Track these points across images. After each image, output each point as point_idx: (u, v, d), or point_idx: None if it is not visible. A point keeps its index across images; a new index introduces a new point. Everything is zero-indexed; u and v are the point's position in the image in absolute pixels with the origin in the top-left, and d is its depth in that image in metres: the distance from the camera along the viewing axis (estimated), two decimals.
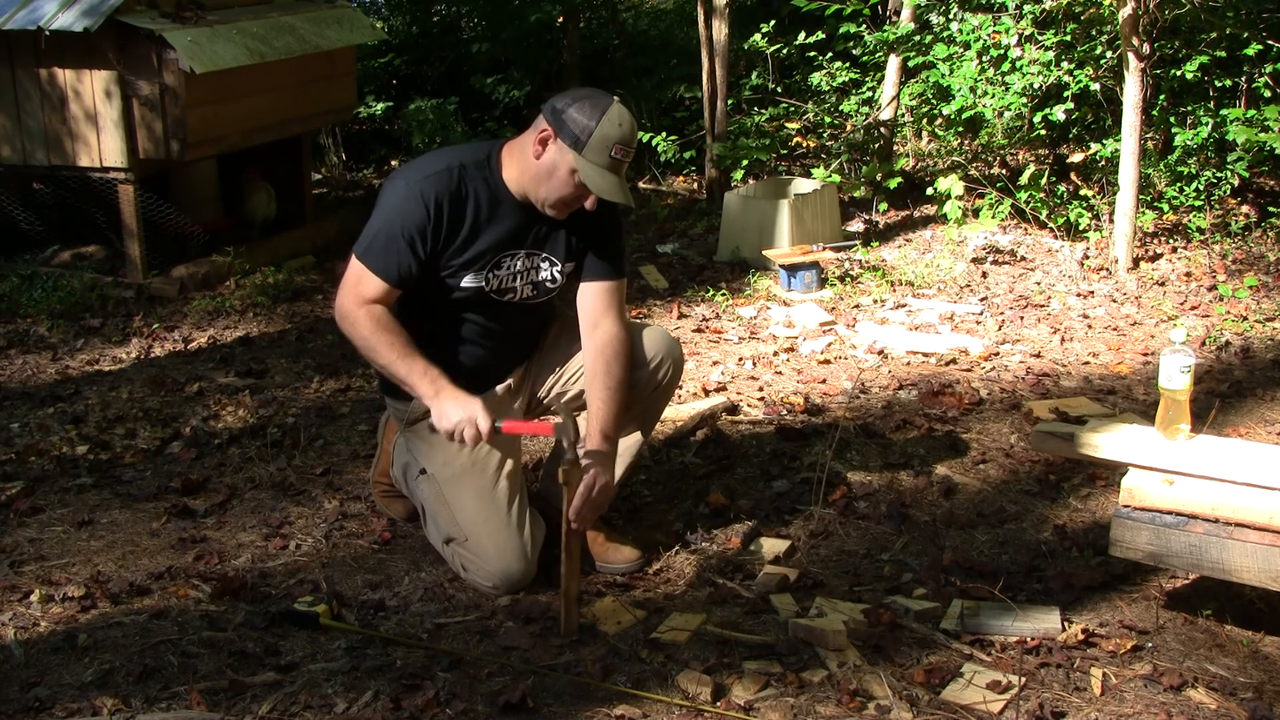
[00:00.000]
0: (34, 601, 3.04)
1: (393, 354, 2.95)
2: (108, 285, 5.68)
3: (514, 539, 3.07)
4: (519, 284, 3.11)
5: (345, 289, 3.00)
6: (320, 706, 2.60)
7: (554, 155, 2.91)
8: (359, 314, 2.96)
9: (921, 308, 5.42)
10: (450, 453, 3.10)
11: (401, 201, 2.95)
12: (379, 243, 2.95)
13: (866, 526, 3.45)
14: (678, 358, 3.26)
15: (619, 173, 2.93)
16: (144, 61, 5.43)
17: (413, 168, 3.03)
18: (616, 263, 3.17)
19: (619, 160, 2.90)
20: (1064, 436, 3.01)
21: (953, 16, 6.60)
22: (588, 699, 2.63)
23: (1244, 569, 2.68)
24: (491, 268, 3.05)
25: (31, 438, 4.09)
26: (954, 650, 2.80)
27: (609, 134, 2.87)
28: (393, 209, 2.96)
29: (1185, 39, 6.13)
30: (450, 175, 2.97)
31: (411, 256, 2.95)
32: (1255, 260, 5.80)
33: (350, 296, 2.98)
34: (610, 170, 2.90)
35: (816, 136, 7.77)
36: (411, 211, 2.93)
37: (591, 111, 2.88)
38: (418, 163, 3.06)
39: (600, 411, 3.06)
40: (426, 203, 2.93)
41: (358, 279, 2.97)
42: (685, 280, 5.99)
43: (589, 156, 2.87)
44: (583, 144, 2.87)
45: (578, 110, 2.88)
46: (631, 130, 2.91)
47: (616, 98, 2.94)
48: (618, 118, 2.89)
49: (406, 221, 2.93)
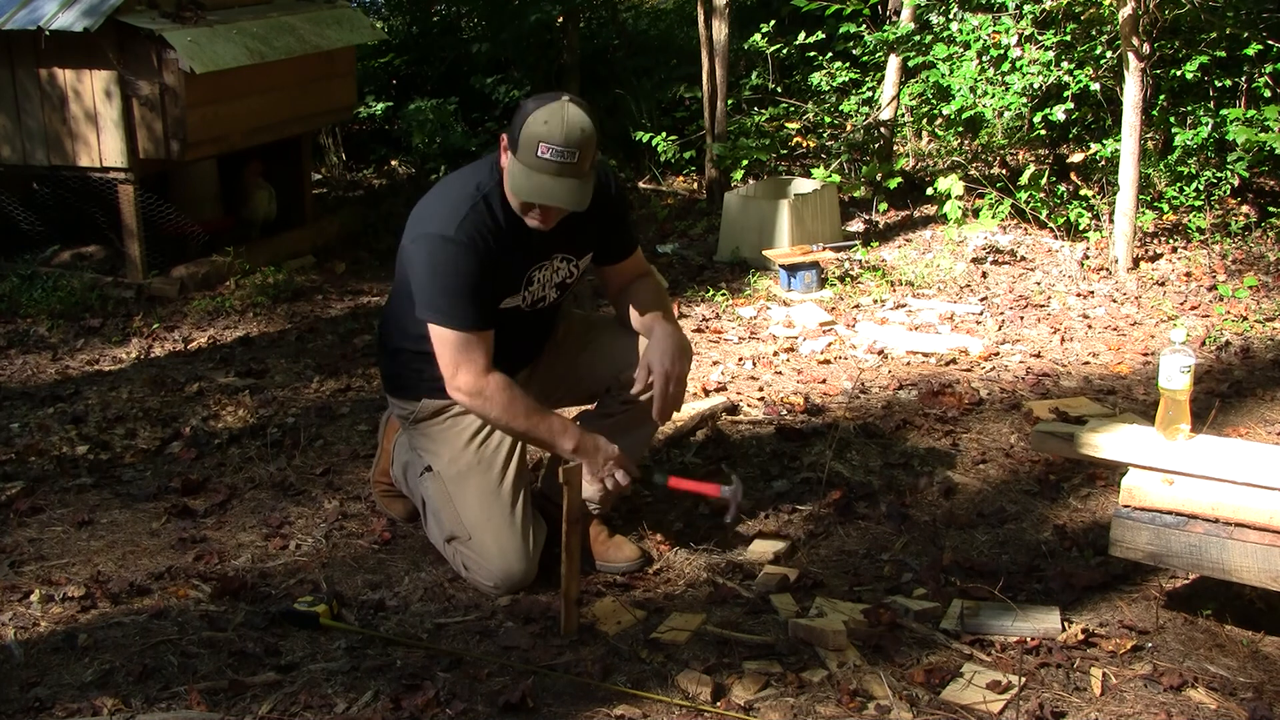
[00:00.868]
0: (34, 601, 3.04)
1: (532, 419, 2.95)
2: (108, 285, 5.68)
3: (516, 539, 3.07)
4: (547, 290, 3.12)
5: (454, 364, 2.91)
6: (320, 706, 2.60)
7: (507, 163, 2.88)
8: (489, 389, 2.91)
9: (921, 308, 5.42)
10: (456, 450, 3.11)
11: (453, 255, 2.87)
12: (457, 302, 2.88)
13: (866, 526, 3.45)
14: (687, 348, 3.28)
15: (555, 174, 2.79)
16: (144, 61, 5.43)
17: (440, 214, 2.92)
18: (630, 241, 3.23)
19: (550, 160, 2.77)
20: (1064, 436, 3.01)
21: (953, 16, 6.60)
22: (588, 699, 2.63)
23: (1244, 569, 2.68)
24: (526, 285, 3.05)
25: (31, 438, 4.09)
26: (954, 650, 2.80)
27: (534, 132, 2.77)
28: (447, 266, 2.88)
29: (1185, 39, 6.13)
30: (477, 210, 2.90)
31: (486, 295, 2.92)
32: (1255, 260, 5.80)
33: (466, 371, 2.90)
34: (539, 171, 2.79)
35: (816, 136, 7.77)
36: (465, 261, 2.87)
37: (525, 109, 2.82)
38: (441, 206, 2.95)
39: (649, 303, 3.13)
40: (475, 244, 2.88)
41: (461, 346, 2.90)
42: (685, 280, 5.99)
43: (520, 157, 2.81)
44: (516, 144, 2.81)
45: (517, 113, 2.83)
46: (564, 126, 2.76)
47: (567, 98, 2.82)
48: (545, 115, 2.77)
49: (466, 271, 2.87)
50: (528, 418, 2.96)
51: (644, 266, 3.29)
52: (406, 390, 3.16)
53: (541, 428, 2.98)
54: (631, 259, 3.25)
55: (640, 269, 3.27)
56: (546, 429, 2.98)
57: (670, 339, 3.07)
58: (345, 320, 5.45)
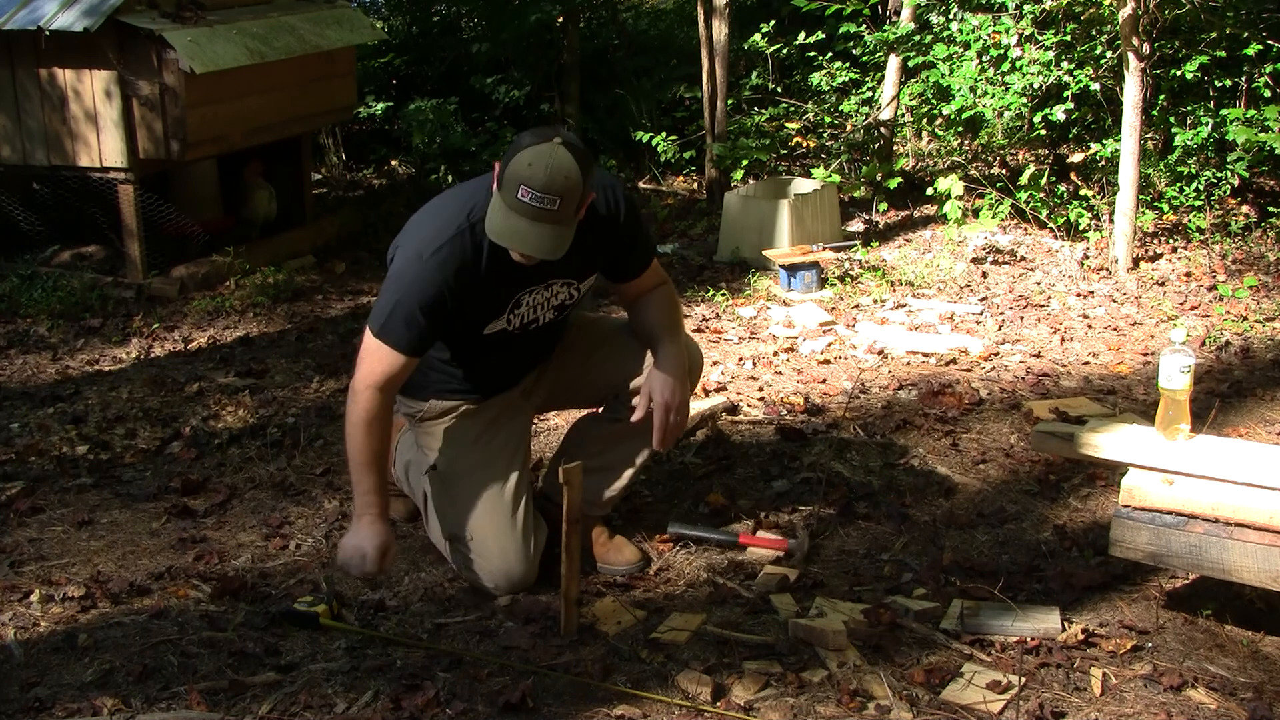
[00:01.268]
0: (34, 601, 3.04)
1: (362, 454, 2.89)
2: (108, 285, 5.68)
3: (517, 540, 3.07)
4: (540, 313, 3.08)
5: (361, 364, 2.90)
6: (320, 706, 2.60)
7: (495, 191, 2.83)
8: (361, 398, 2.89)
9: (921, 308, 5.42)
10: (461, 450, 3.11)
11: (416, 276, 2.84)
12: (396, 318, 2.85)
13: (866, 526, 3.45)
14: (698, 359, 3.31)
15: (532, 218, 2.70)
16: (144, 61, 5.43)
17: (424, 232, 2.90)
18: (644, 255, 3.15)
19: (528, 205, 2.68)
20: (1064, 436, 3.01)
21: (953, 16, 6.60)
22: (588, 699, 2.63)
23: (1244, 569, 2.68)
24: (512, 309, 3.01)
25: (31, 438, 4.09)
26: (954, 650, 2.80)
27: (517, 172, 2.69)
28: (409, 284, 2.85)
29: (1185, 39, 6.13)
30: (462, 240, 2.86)
31: (430, 326, 2.88)
32: (1255, 260, 5.80)
33: (363, 374, 2.89)
34: (517, 213, 2.70)
35: (816, 136, 7.77)
36: (428, 286, 2.83)
37: (519, 145, 2.75)
38: (428, 224, 2.92)
39: (657, 321, 3.08)
40: (444, 275, 2.84)
41: (375, 355, 2.88)
42: (685, 280, 5.99)
43: (502, 195, 2.74)
44: (501, 180, 2.75)
45: (515, 144, 2.77)
46: (546, 172, 2.66)
47: (559, 140, 2.72)
48: (530, 157, 2.68)
49: (424, 297, 2.84)
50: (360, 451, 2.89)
51: (659, 277, 3.19)
52: (414, 391, 3.16)
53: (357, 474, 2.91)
54: (647, 273, 3.16)
55: (655, 280, 3.18)
56: (359, 478, 2.91)
57: (672, 367, 3.03)
58: (345, 320, 5.45)
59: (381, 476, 2.95)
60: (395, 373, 2.89)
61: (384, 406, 2.91)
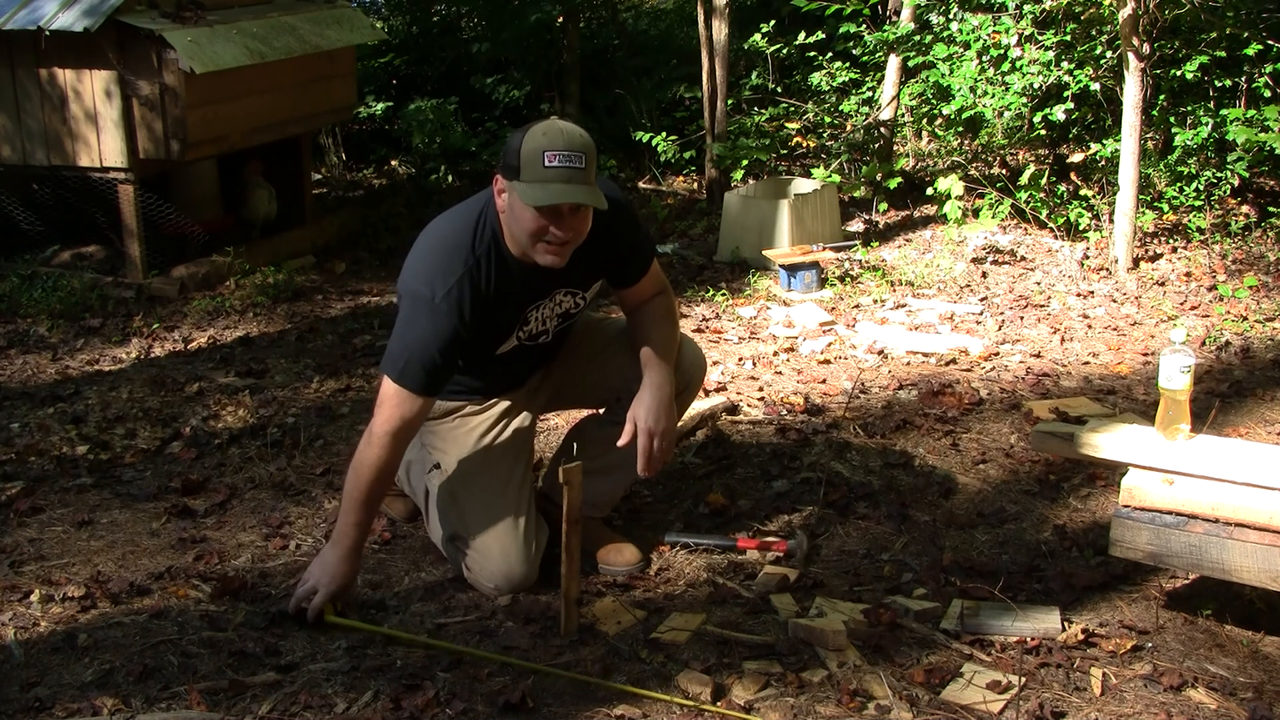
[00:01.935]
0: (34, 601, 3.04)
1: (358, 495, 2.91)
2: (108, 285, 5.68)
3: (518, 541, 3.07)
4: (548, 324, 3.09)
5: (380, 409, 2.89)
6: (320, 706, 2.60)
7: (507, 197, 2.82)
8: (376, 445, 2.88)
9: (921, 308, 5.42)
10: (464, 450, 3.12)
11: (430, 323, 2.84)
12: (414, 364, 2.85)
13: (866, 526, 3.45)
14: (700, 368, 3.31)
15: (568, 180, 2.74)
16: (144, 61, 5.43)
17: (432, 272, 2.86)
18: (645, 259, 3.13)
19: (560, 167, 2.73)
20: (1064, 436, 3.01)
21: (953, 16, 6.60)
22: (588, 699, 2.63)
23: (1244, 569, 2.68)
24: (520, 325, 3.03)
25: (31, 438, 4.09)
26: (954, 650, 2.80)
27: (536, 145, 2.73)
28: (423, 331, 2.85)
29: (1185, 39, 6.13)
30: (470, 278, 2.85)
31: (446, 365, 2.89)
32: (1255, 260, 5.80)
33: (382, 419, 2.88)
34: (552, 180, 2.74)
35: (816, 136, 7.77)
36: (443, 330, 2.84)
37: (518, 135, 2.79)
38: (434, 262, 2.89)
39: (651, 338, 3.07)
40: (458, 315, 2.84)
41: (393, 400, 2.87)
42: (685, 280, 5.99)
43: (526, 178, 2.75)
44: (518, 169, 2.76)
45: (509, 143, 2.80)
46: (563, 135, 2.74)
47: (554, 117, 2.83)
48: (543, 129, 2.75)
49: (440, 339, 2.84)
50: (360, 491, 2.91)
51: (658, 284, 3.18)
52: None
53: (351, 509, 2.92)
54: (646, 277, 3.15)
55: (654, 288, 3.16)
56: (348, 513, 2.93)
57: (657, 394, 3.01)
58: (345, 320, 5.45)
59: (371, 515, 2.98)
60: (414, 416, 2.90)
61: (397, 455, 2.93)
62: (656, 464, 3.03)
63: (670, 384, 3.06)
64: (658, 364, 3.06)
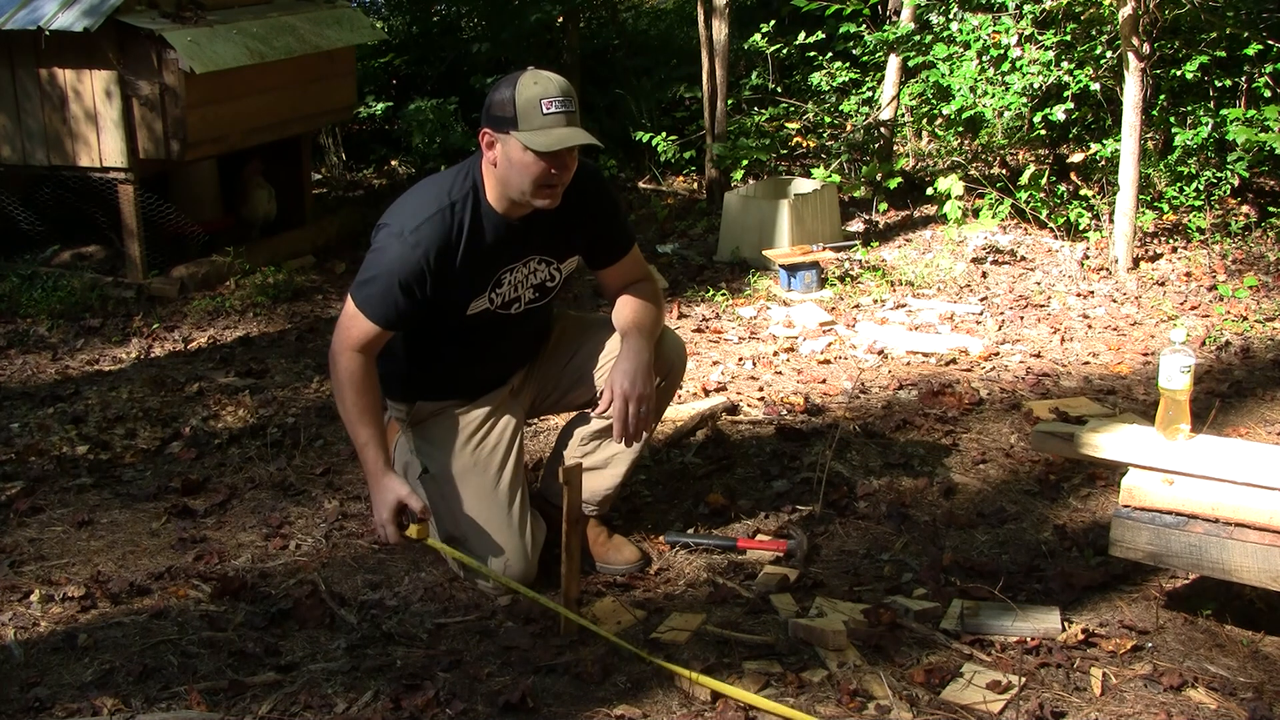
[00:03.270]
0: (34, 601, 3.04)
1: (354, 412, 3.00)
2: (108, 285, 5.68)
3: (515, 539, 3.07)
4: (521, 291, 3.11)
5: (339, 330, 3.02)
6: (320, 706, 2.60)
7: (501, 149, 2.90)
8: (342, 360, 3.00)
9: (921, 308, 5.42)
10: (453, 451, 3.12)
11: (397, 252, 2.93)
12: (375, 288, 2.95)
13: (866, 526, 3.45)
14: (681, 356, 3.29)
15: (568, 124, 2.87)
16: (144, 61, 5.43)
17: (406, 211, 3.00)
18: (623, 239, 3.21)
19: (558, 113, 2.85)
20: (1064, 436, 3.01)
21: (953, 16, 6.60)
22: (588, 699, 2.63)
23: (1244, 569, 2.68)
24: (494, 287, 3.05)
25: (31, 438, 4.09)
26: (954, 650, 2.80)
27: (529, 97, 2.84)
28: (388, 260, 2.94)
29: (1185, 39, 6.13)
30: (442, 218, 2.95)
31: (407, 302, 2.95)
32: (1255, 260, 5.80)
33: (341, 339, 3.01)
34: (553, 125, 2.86)
35: (816, 136, 7.77)
36: (407, 261, 2.92)
37: (504, 89, 2.89)
38: (410, 203, 3.03)
39: (631, 315, 3.11)
40: (423, 251, 2.92)
41: (352, 321, 2.99)
42: (685, 280, 5.99)
43: (525, 126, 2.85)
44: (514, 120, 2.86)
45: (495, 98, 2.90)
46: (552, 81, 2.87)
47: (530, 67, 2.95)
48: (532, 78, 2.87)
49: (403, 270, 2.92)
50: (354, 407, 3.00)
51: (640, 271, 3.25)
52: (402, 394, 3.21)
53: (359, 430, 3.01)
54: (626, 260, 3.21)
55: (636, 274, 3.23)
56: (358, 433, 3.01)
57: (635, 359, 3.03)
58: None
59: (378, 427, 3.03)
60: (371, 340, 3.00)
61: (366, 365, 3.01)
62: (637, 432, 3.02)
63: (646, 351, 3.08)
64: (636, 334, 3.09)
